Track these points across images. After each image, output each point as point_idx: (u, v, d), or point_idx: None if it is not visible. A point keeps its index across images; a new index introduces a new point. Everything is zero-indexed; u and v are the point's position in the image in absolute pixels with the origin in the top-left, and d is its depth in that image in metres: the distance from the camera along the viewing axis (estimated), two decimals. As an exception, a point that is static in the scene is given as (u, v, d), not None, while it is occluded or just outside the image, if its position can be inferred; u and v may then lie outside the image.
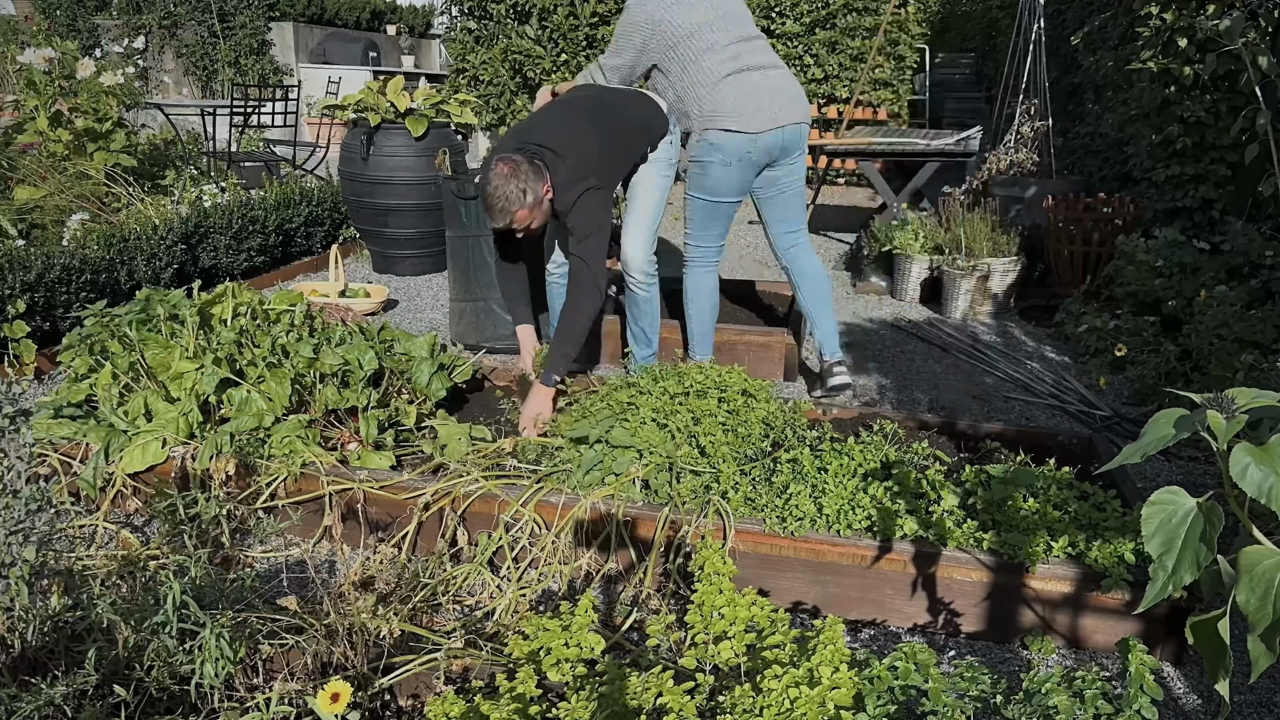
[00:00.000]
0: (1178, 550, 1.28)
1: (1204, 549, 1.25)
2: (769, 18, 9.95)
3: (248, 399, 2.60)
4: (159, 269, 4.57)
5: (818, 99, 10.16)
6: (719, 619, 1.58)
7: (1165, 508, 1.31)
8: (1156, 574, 1.29)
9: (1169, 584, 1.28)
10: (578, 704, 1.44)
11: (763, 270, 6.13)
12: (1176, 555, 1.28)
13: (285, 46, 12.85)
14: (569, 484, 2.41)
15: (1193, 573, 1.26)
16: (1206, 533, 1.26)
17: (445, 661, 1.75)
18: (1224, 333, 3.54)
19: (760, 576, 2.23)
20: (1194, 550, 1.26)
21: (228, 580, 1.93)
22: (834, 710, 1.34)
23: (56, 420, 2.68)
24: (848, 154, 6.98)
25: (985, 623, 2.15)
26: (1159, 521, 1.31)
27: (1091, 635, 2.10)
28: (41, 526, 1.72)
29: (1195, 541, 1.27)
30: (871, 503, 2.28)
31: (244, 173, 6.82)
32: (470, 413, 3.16)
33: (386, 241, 5.59)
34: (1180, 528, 1.29)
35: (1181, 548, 1.28)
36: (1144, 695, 1.38)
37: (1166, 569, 1.29)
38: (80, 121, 5.23)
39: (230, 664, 1.62)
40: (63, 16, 12.29)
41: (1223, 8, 4.37)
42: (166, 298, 2.93)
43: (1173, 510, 1.31)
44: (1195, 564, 1.26)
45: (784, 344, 3.85)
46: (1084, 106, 6.97)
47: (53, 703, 1.53)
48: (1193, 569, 1.26)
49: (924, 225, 5.40)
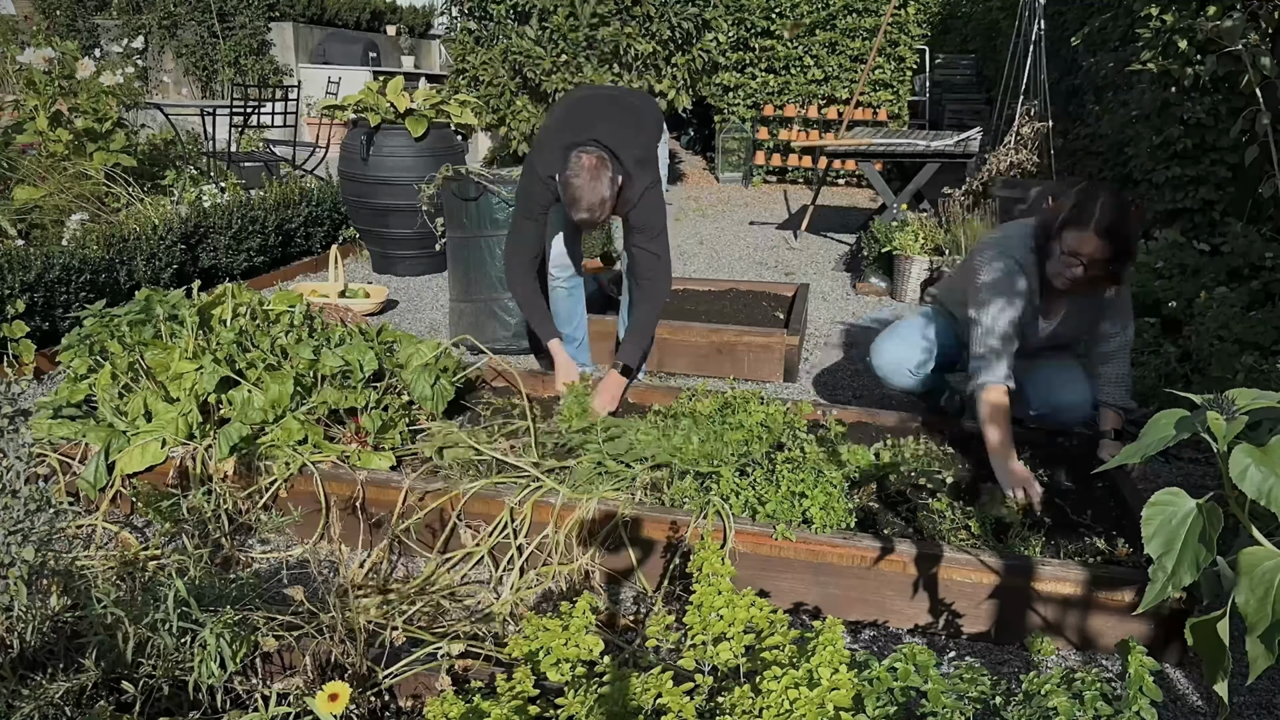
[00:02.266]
0: (1177, 551, 1.28)
1: (1204, 550, 1.25)
2: (769, 18, 9.96)
3: (248, 399, 2.60)
4: (158, 269, 4.57)
5: (818, 100, 10.17)
6: (718, 620, 1.58)
7: (1165, 509, 1.31)
8: (1156, 575, 1.29)
9: (1169, 585, 1.28)
10: (574, 701, 1.44)
11: (763, 271, 6.13)
12: (1176, 556, 1.28)
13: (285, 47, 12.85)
14: (568, 483, 2.40)
15: (1192, 574, 1.26)
16: (1206, 533, 1.26)
17: (445, 661, 1.75)
18: (1224, 334, 3.54)
19: (760, 577, 2.23)
20: (1194, 551, 1.26)
21: (228, 580, 1.93)
22: (833, 711, 1.34)
23: (56, 420, 2.68)
24: (847, 155, 6.99)
25: (986, 624, 2.15)
26: (1159, 522, 1.30)
27: (1094, 636, 2.10)
28: (41, 527, 1.72)
29: (1195, 543, 1.26)
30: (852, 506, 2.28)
31: (244, 173, 6.82)
32: (470, 412, 3.15)
33: (386, 242, 5.59)
34: (1180, 529, 1.29)
35: (1181, 549, 1.28)
36: (1143, 696, 1.38)
37: (1166, 570, 1.28)
38: (80, 121, 5.23)
39: (231, 663, 1.62)
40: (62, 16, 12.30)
41: (1223, 9, 4.37)
42: (166, 298, 2.93)
43: (1173, 511, 1.31)
44: (1195, 565, 1.26)
45: (784, 344, 3.85)
46: (1084, 108, 6.97)
47: (52, 701, 1.53)
48: (1192, 570, 1.26)
49: (924, 226, 5.40)
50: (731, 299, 4.60)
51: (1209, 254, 4.42)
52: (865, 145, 6.78)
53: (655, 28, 7.41)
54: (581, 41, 7.39)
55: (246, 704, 1.67)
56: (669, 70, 7.64)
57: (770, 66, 10.16)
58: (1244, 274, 4.10)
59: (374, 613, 1.99)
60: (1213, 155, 4.89)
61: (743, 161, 10.37)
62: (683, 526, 2.25)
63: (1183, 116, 4.87)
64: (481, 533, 2.37)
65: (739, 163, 10.38)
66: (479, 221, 4.01)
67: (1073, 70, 7.29)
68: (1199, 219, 5.00)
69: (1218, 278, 4.11)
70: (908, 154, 6.63)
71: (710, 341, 3.89)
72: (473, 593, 2.26)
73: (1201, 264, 4.24)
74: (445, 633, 1.96)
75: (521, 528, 2.33)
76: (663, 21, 7.37)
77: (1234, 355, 3.41)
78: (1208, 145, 4.87)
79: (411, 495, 2.41)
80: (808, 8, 9.83)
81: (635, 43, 7.27)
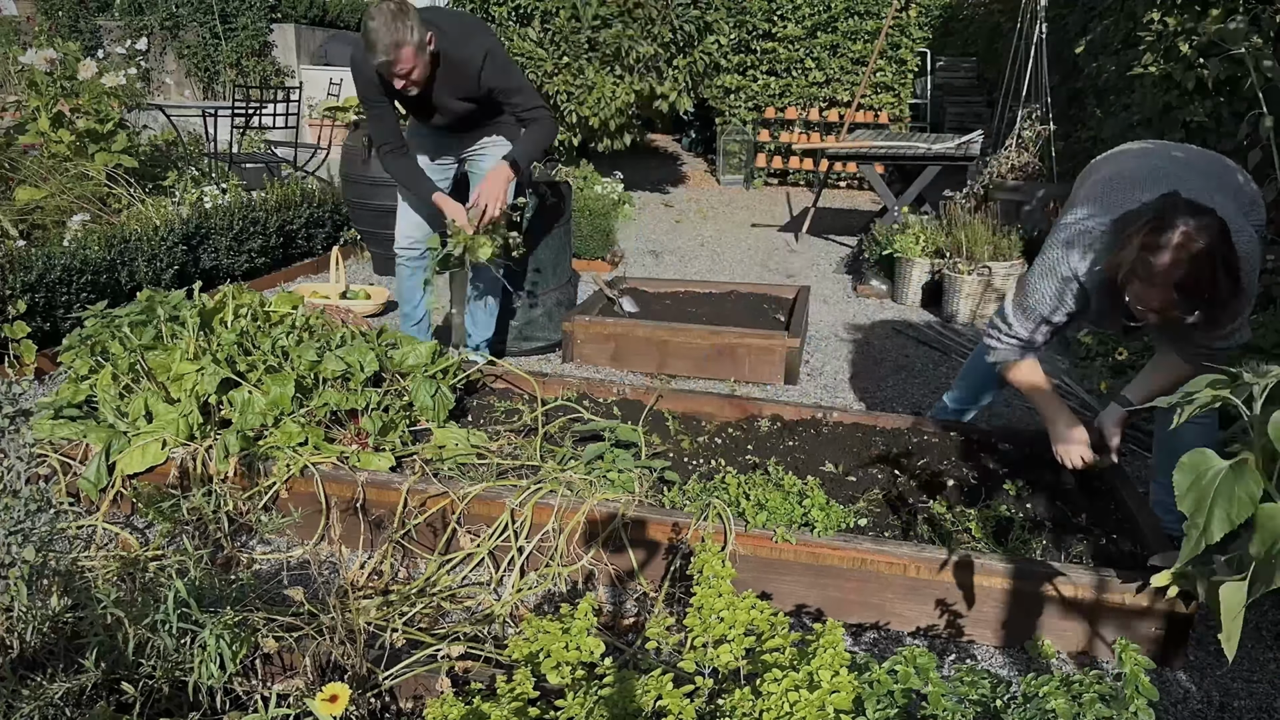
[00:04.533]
0: (1207, 508, 1.28)
1: (1235, 505, 1.24)
2: (771, 21, 9.96)
3: (250, 400, 2.60)
4: (160, 270, 4.57)
5: (819, 102, 10.18)
6: (718, 622, 1.58)
7: (1197, 468, 1.31)
8: (1190, 532, 1.29)
9: (1201, 540, 1.27)
10: (574, 703, 1.44)
11: (764, 273, 6.13)
12: (1206, 513, 1.28)
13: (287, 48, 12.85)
14: (568, 484, 2.40)
15: (1224, 527, 1.26)
16: (1238, 490, 1.25)
17: (445, 663, 1.75)
18: (1225, 337, 3.53)
19: (761, 580, 2.23)
20: (1225, 507, 1.26)
21: (228, 581, 1.93)
22: (833, 714, 1.34)
23: (57, 421, 2.68)
24: (849, 157, 6.99)
25: (988, 626, 2.14)
26: (1190, 481, 1.30)
27: (1096, 638, 2.09)
28: (41, 527, 1.72)
29: (1226, 498, 1.26)
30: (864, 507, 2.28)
31: (245, 174, 6.82)
32: (470, 414, 3.15)
33: (388, 243, 5.57)
34: (1210, 487, 1.28)
35: (1212, 505, 1.27)
36: (1140, 697, 1.38)
37: (1199, 526, 1.28)
38: (82, 122, 5.23)
39: (231, 664, 1.62)
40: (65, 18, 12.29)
41: (1225, 13, 4.37)
42: (167, 299, 2.93)
43: (1204, 470, 1.30)
44: (1227, 519, 1.25)
45: (785, 346, 3.85)
46: (1086, 111, 6.97)
47: (52, 702, 1.53)
48: (1224, 524, 1.26)
49: (925, 229, 5.40)
50: (732, 301, 4.60)
51: (1210, 257, 4.41)
52: (866, 148, 6.79)
53: (657, 30, 7.40)
54: (583, 43, 7.39)
55: (246, 705, 1.67)
56: (670, 72, 7.63)
57: (772, 69, 10.17)
58: (1245, 277, 4.09)
59: (374, 614, 1.99)
60: (1214, 158, 4.88)
61: (744, 164, 10.38)
62: (684, 528, 2.25)
63: (1185, 120, 4.87)
64: (482, 534, 2.37)
65: (740, 165, 10.39)
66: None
67: (1074, 74, 7.29)
68: (1200, 222, 4.99)
69: (1219, 281, 4.10)
70: (909, 157, 6.64)
71: (711, 344, 3.89)
72: (473, 594, 2.26)
73: (1203, 267, 4.23)
74: (445, 634, 1.96)
75: (522, 529, 2.33)
76: (664, 24, 7.37)
77: (1234, 358, 3.40)
78: (1210, 149, 4.86)
79: (412, 497, 2.41)
80: (809, 9, 9.83)
81: (637, 44, 7.27)
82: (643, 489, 2.40)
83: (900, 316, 5.12)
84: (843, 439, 2.91)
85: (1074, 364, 4.24)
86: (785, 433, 2.94)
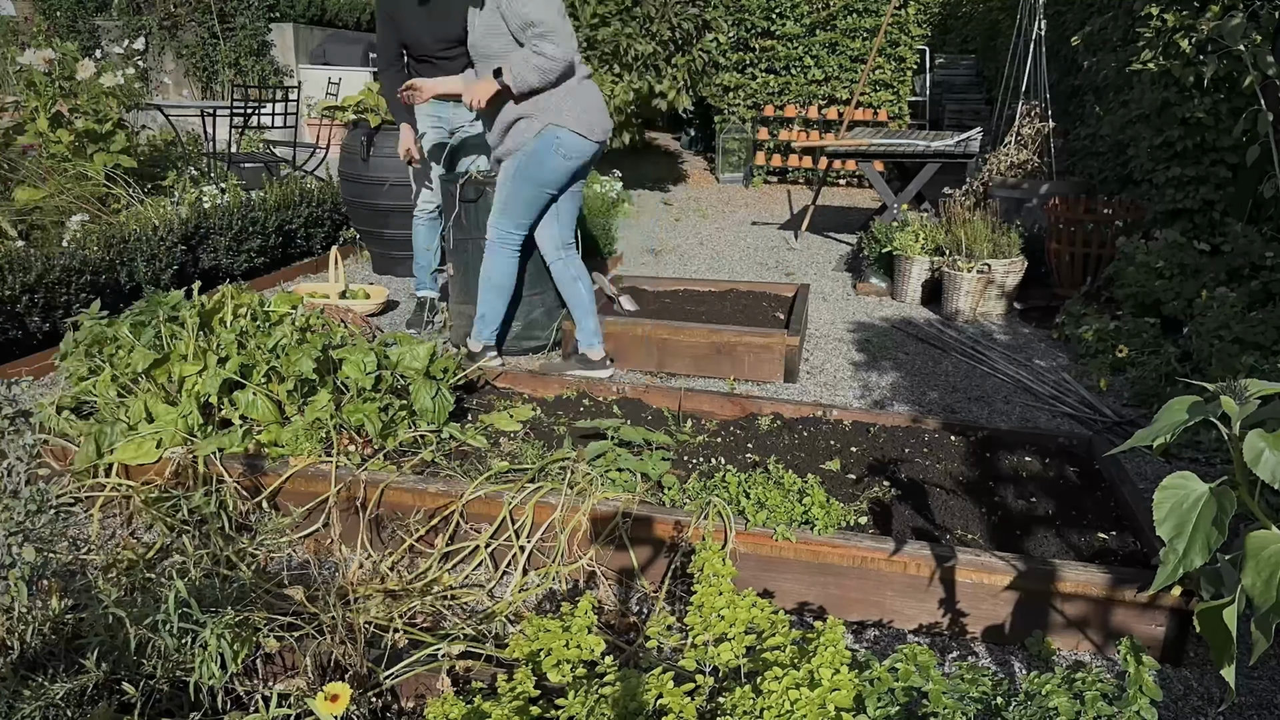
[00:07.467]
0: (1189, 534, 1.28)
1: (1215, 532, 1.25)
2: (769, 19, 9.96)
3: (251, 401, 2.60)
4: (159, 270, 4.57)
5: (818, 100, 10.17)
6: (719, 620, 1.58)
7: (1177, 492, 1.31)
8: (1168, 557, 1.29)
9: (1180, 566, 1.27)
10: (575, 701, 1.44)
11: (763, 271, 6.13)
12: (1188, 539, 1.28)
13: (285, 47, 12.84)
14: (569, 483, 2.40)
15: (1203, 555, 1.26)
16: (1219, 517, 1.25)
17: (446, 662, 1.75)
18: (1224, 334, 3.54)
19: (761, 578, 2.23)
20: (1205, 534, 1.26)
21: (229, 580, 1.92)
22: (834, 712, 1.34)
23: (57, 419, 2.68)
24: (848, 155, 6.98)
25: (989, 623, 2.14)
26: (1170, 505, 1.30)
27: (1097, 636, 2.09)
28: (41, 528, 1.72)
29: (1207, 525, 1.26)
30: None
31: (244, 174, 6.81)
32: (470, 414, 3.15)
33: (387, 243, 5.59)
34: (1191, 512, 1.28)
35: (1193, 531, 1.27)
36: (1143, 696, 1.38)
37: (1178, 552, 1.28)
38: (80, 123, 5.23)
39: (232, 663, 1.62)
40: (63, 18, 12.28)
41: (1224, 9, 4.37)
42: (166, 299, 2.93)
43: (1184, 494, 1.30)
44: (1206, 547, 1.25)
45: (784, 345, 3.85)
46: (1085, 108, 6.97)
47: (53, 702, 1.53)
48: (1203, 552, 1.26)
49: (924, 226, 5.40)
50: (732, 299, 4.60)
51: (1209, 254, 4.42)
52: (866, 145, 6.79)
53: (655, 28, 7.40)
54: (582, 41, 7.38)
55: (247, 705, 1.67)
56: (669, 70, 7.63)
57: (770, 67, 10.16)
58: (1244, 274, 4.10)
59: (375, 613, 1.99)
60: (1213, 155, 4.89)
61: (743, 162, 10.38)
62: (685, 526, 2.25)
63: (1183, 116, 4.87)
64: (483, 533, 2.37)
65: (739, 163, 10.38)
66: (479, 222, 4.01)
67: (1073, 71, 7.29)
68: (1199, 219, 5.00)
69: (1218, 277, 4.11)
70: (908, 154, 6.63)
71: (710, 342, 3.89)
72: (474, 593, 2.26)
73: (1202, 264, 4.24)
74: (446, 634, 1.96)
75: (523, 528, 2.33)
76: (663, 22, 7.36)
77: (1234, 355, 3.41)
78: (1208, 145, 4.86)
79: (412, 497, 2.41)
80: (808, 7, 9.83)
81: (635, 43, 7.27)
82: (644, 488, 2.40)
83: (900, 314, 5.12)
84: (842, 437, 2.91)
85: (1075, 362, 4.24)
86: (785, 431, 2.94)
